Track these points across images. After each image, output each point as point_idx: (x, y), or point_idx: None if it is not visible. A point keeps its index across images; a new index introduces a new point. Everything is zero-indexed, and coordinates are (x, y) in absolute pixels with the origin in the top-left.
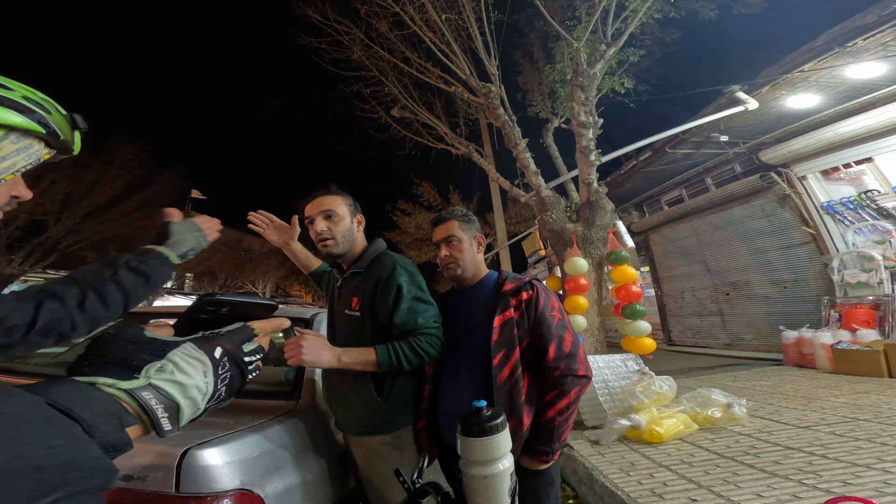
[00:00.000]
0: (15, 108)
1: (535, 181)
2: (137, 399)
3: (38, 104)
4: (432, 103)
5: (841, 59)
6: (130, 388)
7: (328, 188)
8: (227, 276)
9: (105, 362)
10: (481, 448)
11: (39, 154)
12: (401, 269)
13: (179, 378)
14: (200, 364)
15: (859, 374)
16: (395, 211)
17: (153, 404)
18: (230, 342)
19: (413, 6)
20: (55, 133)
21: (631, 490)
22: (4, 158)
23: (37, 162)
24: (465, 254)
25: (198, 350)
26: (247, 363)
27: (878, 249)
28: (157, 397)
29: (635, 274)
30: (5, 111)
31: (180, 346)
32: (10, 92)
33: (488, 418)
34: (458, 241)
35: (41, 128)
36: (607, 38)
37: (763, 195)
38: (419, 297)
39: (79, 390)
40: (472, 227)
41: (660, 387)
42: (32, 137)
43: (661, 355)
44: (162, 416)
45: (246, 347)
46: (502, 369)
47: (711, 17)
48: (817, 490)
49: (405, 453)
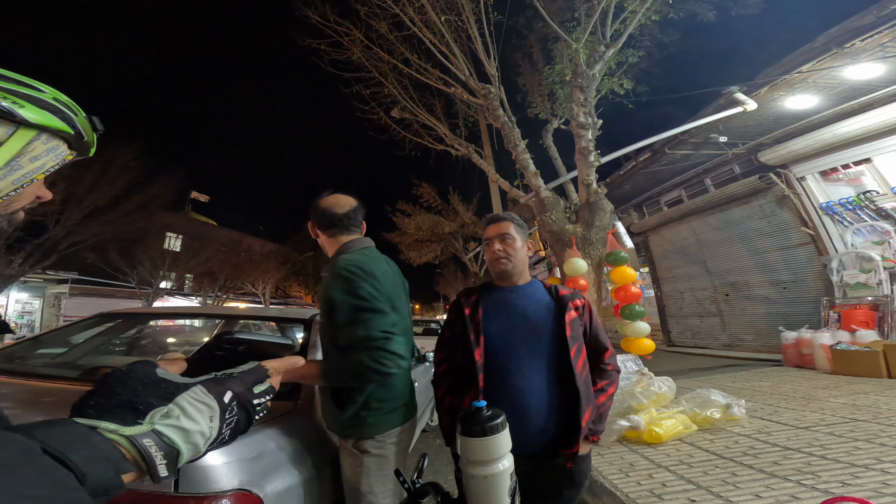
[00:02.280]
0: (48, 108)
1: (535, 182)
2: (137, 446)
3: (67, 105)
4: (432, 104)
5: (839, 59)
6: (132, 435)
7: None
8: (226, 277)
9: (110, 404)
10: (481, 448)
11: (64, 155)
12: (338, 276)
13: (184, 424)
14: (208, 409)
15: (858, 374)
16: (395, 212)
17: (153, 452)
18: (241, 384)
19: (413, 7)
20: (80, 134)
21: (630, 491)
22: (36, 158)
23: (62, 163)
24: (517, 252)
25: (207, 394)
26: (255, 405)
27: (877, 250)
28: (157, 444)
29: (634, 275)
30: (41, 112)
31: (190, 390)
32: (42, 93)
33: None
34: (512, 239)
35: (70, 128)
36: (606, 39)
37: (762, 196)
38: (359, 307)
39: (78, 435)
40: (524, 232)
41: (659, 387)
42: (59, 138)
43: (661, 356)
44: (160, 462)
45: (256, 389)
46: (577, 360)
47: (710, 18)
48: (816, 491)
49: (365, 459)
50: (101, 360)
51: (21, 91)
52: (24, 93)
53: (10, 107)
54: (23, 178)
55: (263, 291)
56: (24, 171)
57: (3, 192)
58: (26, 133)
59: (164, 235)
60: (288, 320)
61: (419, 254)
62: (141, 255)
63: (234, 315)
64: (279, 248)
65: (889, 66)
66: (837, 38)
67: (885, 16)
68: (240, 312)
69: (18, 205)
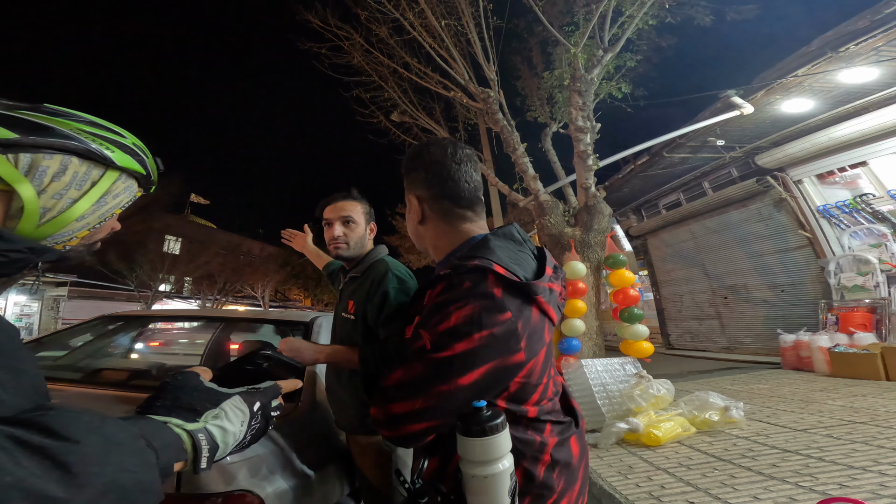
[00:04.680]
0: (130, 153)
1: (534, 185)
2: (194, 439)
3: (142, 150)
4: (432, 108)
5: (834, 63)
6: (192, 430)
7: (349, 192)
8: (226, 279)
9: (176, 405)
10: (481, 448)
11: (135, 192)
12: (392, 275)
13: (226, 425)
14: (242, 415)
15: (856, 377)
16: (395, 215)
17: (203, 445)
18: (265, 398)
19: (413, 12)
20: (149, 175)
21: (629, 493)
22: (117, 196)
23: (133, 199)
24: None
25: (243, 402)
26: (271, 417)
27: (874, 253)
28: (207, 439)
29: (633, 278)
30: (125, 156)
31: (232, 398)
32: (125, 139)
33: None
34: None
35: (143, 170)
36: (605, 43)
37: (760, 199)
38: (406, 305)
39: (157, 427)
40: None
41: (658, 390)
42: (134, 178)
43: (660, 359)
44: (205, 455)
45: (273, 403)
46: None
47: (707, 22)
48: (814, 493)
49: (399, 452)
50: (109, 363)
51: (110, 137)
52: (113, 139)
53: (104, 152)
54: (106, 213)
55: (263, 294)
56: (108, 206)
57: (91, 225)
58: (113, 174)
59: (164, 238)
60: (288, 323)
61: (418, 257)
62: (140, 258)
63: (236, 318)
64: (279, 251)
65: (884, 70)
66: (832, 42)
67: (880, 20)
68: (240, 315)
69: (99, 236)
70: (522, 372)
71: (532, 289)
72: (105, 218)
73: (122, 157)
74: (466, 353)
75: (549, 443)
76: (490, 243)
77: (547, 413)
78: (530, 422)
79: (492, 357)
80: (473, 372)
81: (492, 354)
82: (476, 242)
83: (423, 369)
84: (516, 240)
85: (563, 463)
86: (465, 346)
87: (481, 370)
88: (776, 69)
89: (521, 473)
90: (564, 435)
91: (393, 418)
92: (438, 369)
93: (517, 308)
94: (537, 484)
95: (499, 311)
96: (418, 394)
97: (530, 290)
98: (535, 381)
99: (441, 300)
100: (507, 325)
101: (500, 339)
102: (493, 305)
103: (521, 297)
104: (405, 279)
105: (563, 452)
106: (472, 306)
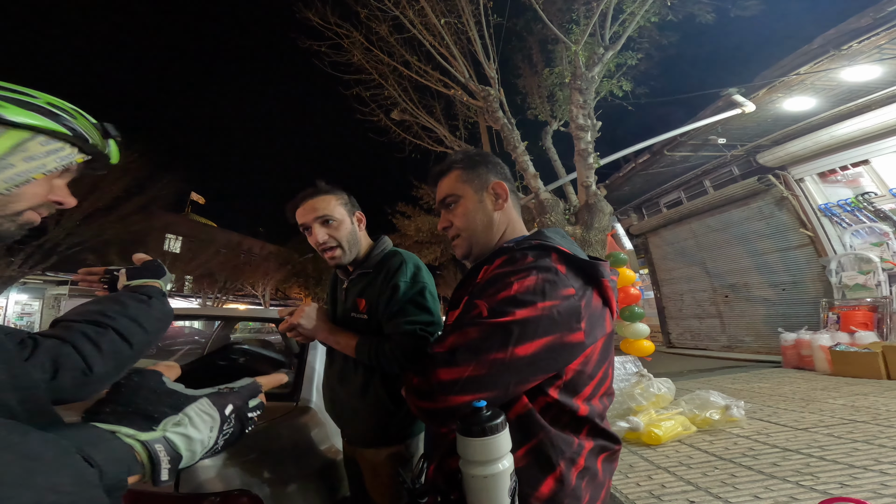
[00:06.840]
0: (39, 111)
1: (534, 184)
2: (149, 450)
3: (63, 109)
4: (432, 106)
5: (836, 61)
6: (147, 440)
7: (317, 187)
8: (226, 278)
9: (128, 411)
10: (481, 448)
11: (72, 158)
12: (405, 268)
13: (190, 432)
14: (210, 420)
15: (857, 376)
16: (395, 214)
17: (161, 456)
18: (240, 399)
19: (413, 10)
20: (83, 137)
21: (629, 492)
22: (32, 158)
23: (70, 165)
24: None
25: (212, 406)
26: (249, 419)
27: (876, 251)
28: (166, 449)
29: (634, 276)
30: (28, 114)
31: (197, 402)
32: (35, 99)
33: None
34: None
35: (67, 130)
36: (605, 41)
37: (761, 197)
38: (415, 301)
39: (101, 438)
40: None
41: (658, 389)
42: (62, 141)
43: (660, 357)
44: (165, 467)
45: (251, 403)
46: None
47: (708, 20)
48: (815, 492)
49: (414, 461)
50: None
51: (7, 95)
52: (10, 97)
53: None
54: (16, 176)
55: (263, 293)
56: (17, 169)
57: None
58: (16, 134)
59: (164, 237)
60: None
61: (419, 255)
62: None
63: (237, 317)
64: (279, 250)
65: (886, 68)
66: (835, 40)
67: (882, 18)
68: (241, 314)
69: (21, 205)
70: (580, 357)
71: (598, 269)
72: (17, 183)
73: (22, 115)
74: (527, 320)
75: (586, 446)
76: (547, 232)
77: (598, 416)
78: (577, 421)
79: (553, 330)
80: (532, 343)
81: (553, 328)
82: (533, 232)
83: (479, 334)
84: (567, 237)
85: (592, 472)
86: (526, 314)
87: (540, 342)
88: (778, 67)
89: (555, 478)
90: (599, 442)
91: (438, 386)
92: (495, 334)
93: (580, 287)
94: (568, 493)
95: (563, 286)
96: (470, 360)
97: (595, 270)
98: (591, 370)
99: (501, 272)
100: (570, 300)
101: (563, 314)
102: (556, 279)
103: (584, 278)
104: (420, 273)
105: (593, 461)
106: (535, 277)
